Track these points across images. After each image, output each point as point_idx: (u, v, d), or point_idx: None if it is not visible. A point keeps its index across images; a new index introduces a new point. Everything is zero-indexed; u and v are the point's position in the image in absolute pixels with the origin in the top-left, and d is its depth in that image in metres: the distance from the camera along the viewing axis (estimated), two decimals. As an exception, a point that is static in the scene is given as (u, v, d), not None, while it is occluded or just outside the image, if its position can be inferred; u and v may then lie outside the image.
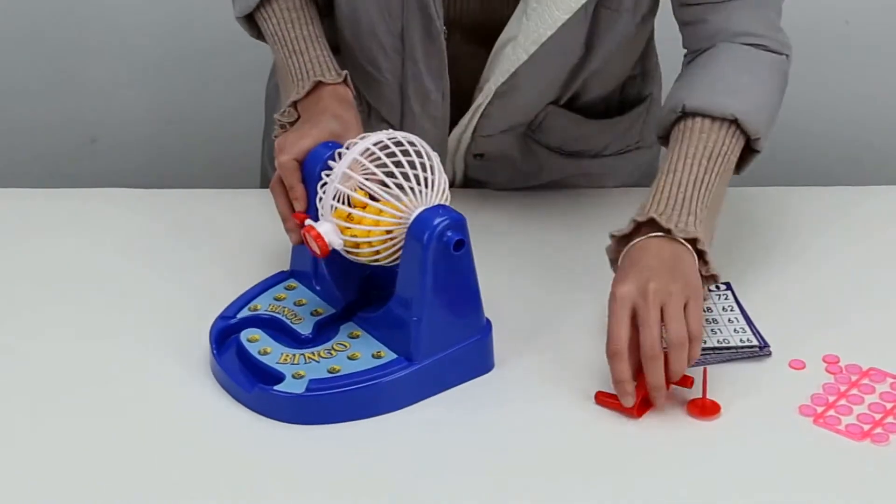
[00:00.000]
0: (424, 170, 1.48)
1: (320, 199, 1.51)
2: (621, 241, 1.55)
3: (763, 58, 1.66)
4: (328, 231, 1.49)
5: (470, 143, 1.79)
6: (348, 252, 1.50)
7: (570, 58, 1.72)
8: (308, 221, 1.51)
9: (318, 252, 1.49)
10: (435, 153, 1.50)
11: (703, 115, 1.59)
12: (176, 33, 2.73)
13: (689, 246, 1.52)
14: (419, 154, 1.49)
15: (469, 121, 1.76)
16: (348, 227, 1.49)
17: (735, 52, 1.66)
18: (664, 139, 1.66)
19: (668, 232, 1.52)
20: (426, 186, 1.48)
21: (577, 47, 1.71)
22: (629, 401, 1.46)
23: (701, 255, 1.52)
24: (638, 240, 1.53)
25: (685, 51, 1.72)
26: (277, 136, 1.67)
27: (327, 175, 1.51)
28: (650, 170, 1.94)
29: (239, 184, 1.96)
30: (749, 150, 1.64)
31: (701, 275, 1.52)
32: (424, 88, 1.73)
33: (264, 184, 1.97)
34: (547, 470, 1.43)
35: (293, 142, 1.59)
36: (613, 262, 1.56)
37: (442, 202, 1.49)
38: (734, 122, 1.59)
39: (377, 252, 1.49)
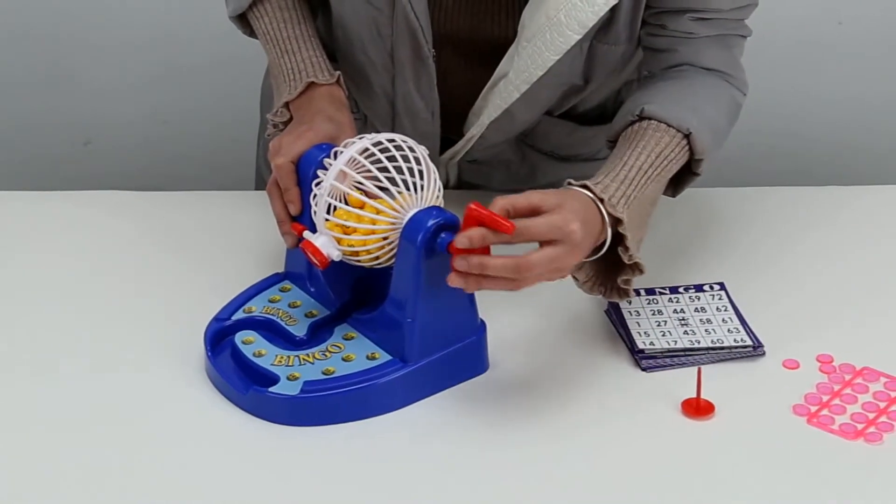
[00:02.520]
0: (414, 174, 1.48)
1: (314, 210, 1.50)
2: None
3: (726, 90, 1.67)
4: (325, 244, 1.49)
5: (464, 155, 1.80)
6: (349, 259, 1.51)
7: (565, 88, 1.73)
8: (306, 234, 1.51)
9: (317, 264, 1.50)
10: (425, 150, 1.50)
11: (660, 121, 1.59)
12: (171, 35, 2.73)
13: (610, 228, 1.49)
14: (412, 155, 1.49)
15: (462, 146, 1.77)
16: (344, 238, 1.49)
17: (703, 78, 1.66)
18: (613, 143, 1.63)
19: (600, 201, 1.49)
20: (419, 189, 1.48)
21: (573, 80, 1.71)
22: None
23: (621, 238, 1.49)
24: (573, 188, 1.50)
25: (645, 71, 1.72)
26: (270, 135, 1.67)
27: (319, 181, 1.51)
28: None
29: (234, 185, 1.96)
30: (688, 171, 1.63)
31: (623, 263, 1.50)
32: (414, 106, 1.73)
33: (259, 185, 1.97)
34: (542, 470, 1.43)
35: (288, 144, 1.58)
36: None
37: (435, 201, 1.49)
38: (686, 136, 1.59)
39: (377, 258, 1.49)
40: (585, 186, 1.49)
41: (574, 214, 1.43)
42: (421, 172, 1.49)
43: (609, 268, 1.51)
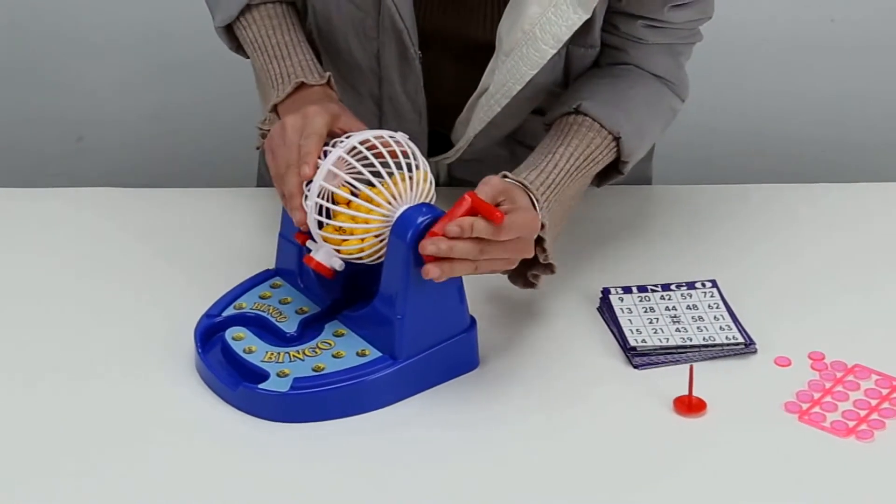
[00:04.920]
0: (411, 168, 1.48)
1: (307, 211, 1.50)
2: None
3: (665, 97, 1.71)
4: (326, 257, 1.49)
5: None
6: (350, 259, 1.50)
7: (547, 92, 1.73)
8: (308, 244, 1.50)
9: (327, 275, 1.49)
10: (416, 148, 1.50)
11: (594, 120, 1.62)
12: (163, 31, 2.73)
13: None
14: (404, 153, 1.49)
15: (452, 155, 1.77)
16: (343, 248, 1.48)
17: (645, 82, 1.70)
18: (549, 125, 1.67)
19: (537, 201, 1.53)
20: (410, 189, 1.47)
21: (553, 85, 1.72)
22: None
23: (539, 241, 1.52)
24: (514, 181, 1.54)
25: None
26: (259, 147, 1.65)
27: (309, 183, 1.50)
28: (637, 170, 1.94)
29: (226, 182, 1.95)
30: (613, 168, 1.67)
31: (538, 262, 1.53)
32: (401, 108, 1.73)
33: (261, 183, 1.96)
34: (532, 467, 1.43)
35: (311, 121, 1.51)
36: None
37: (426, 200, 1.49)
38: (616, 140, 1.63)
39: (376, 254, 1.49)
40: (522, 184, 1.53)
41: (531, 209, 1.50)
42: (417, 166, 1.48)
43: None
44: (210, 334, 1.55)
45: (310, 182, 1.49)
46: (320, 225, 1.48)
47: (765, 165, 2.73)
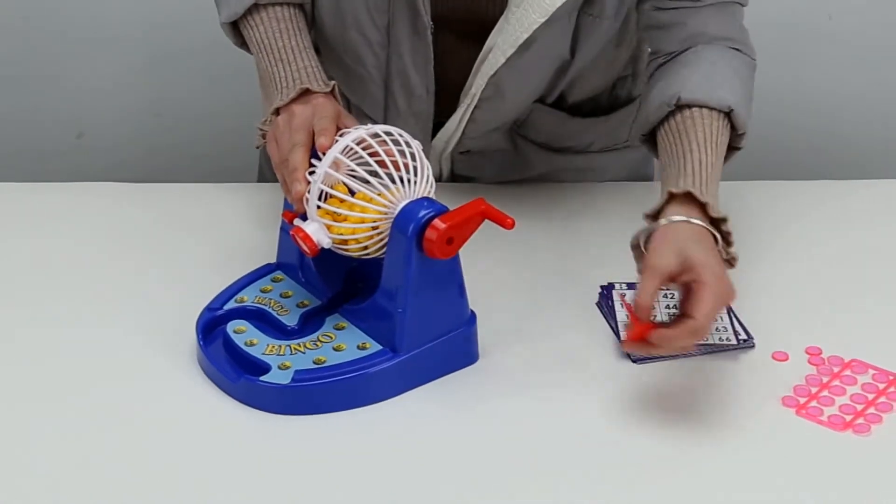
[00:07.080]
0: (410, 164, 1.48)
1: (306, 198, 1.50)
2: (649, 219, 1.52)
3: (742, 59, 1.67)
4: (316, 231, 1.49)
5: (457, 143, 1.80)
6: (338, 248, 1.51)
7: (553, 63, 1.73)
8: (296, 221, 1.51)
9: (307, 251, 1.50)
10: (420, 144, 1.50)
11: (701, 106, 1.59)
12: (164, 26, 2.73)
13: (713, 228, 1.51)
14: (408, 150, 1.49)
15: (457, 126, 1.77)
16: (335, 226, 1.49)
17: (720, 51, 1.66)
18: (648, 137, 1.65)
19: (703, 206, 1.50)
20: (411, 182, 1.48)
21: (560, 53, 1.72)
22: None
23: (726, 236, 1.51)
24: (666, 221, 1.50)
25: (653, 54, 1.71)
26: (259, 146, 1.65)
27: (313, 170, 1.51)
28: (638, 168, 1.94)
29: (227, 177, 1.96)
30: (730, 148, 1.63)
31: (722, 257, 1.51)
32: (409, 84, 1.73)
33: (262, 178, 1.96)
34: (530, 461, 1.43)
35: (315, 111, 1.54)
36: (635, 247, 1.53)
37: (427, 195, 1.50)
38: (727, 115, 1.60)
39: (365, 247, 1.50)
40: (696, 202, 1.50)
41: (718, 269, 1.46)
42: (415, 168, 1.49)
43: None
44: (212, 327, 1.56)
45: (312, 171, 1.50)
46: (318, 205, 1.49)
47: (763, 162, 2.73)
